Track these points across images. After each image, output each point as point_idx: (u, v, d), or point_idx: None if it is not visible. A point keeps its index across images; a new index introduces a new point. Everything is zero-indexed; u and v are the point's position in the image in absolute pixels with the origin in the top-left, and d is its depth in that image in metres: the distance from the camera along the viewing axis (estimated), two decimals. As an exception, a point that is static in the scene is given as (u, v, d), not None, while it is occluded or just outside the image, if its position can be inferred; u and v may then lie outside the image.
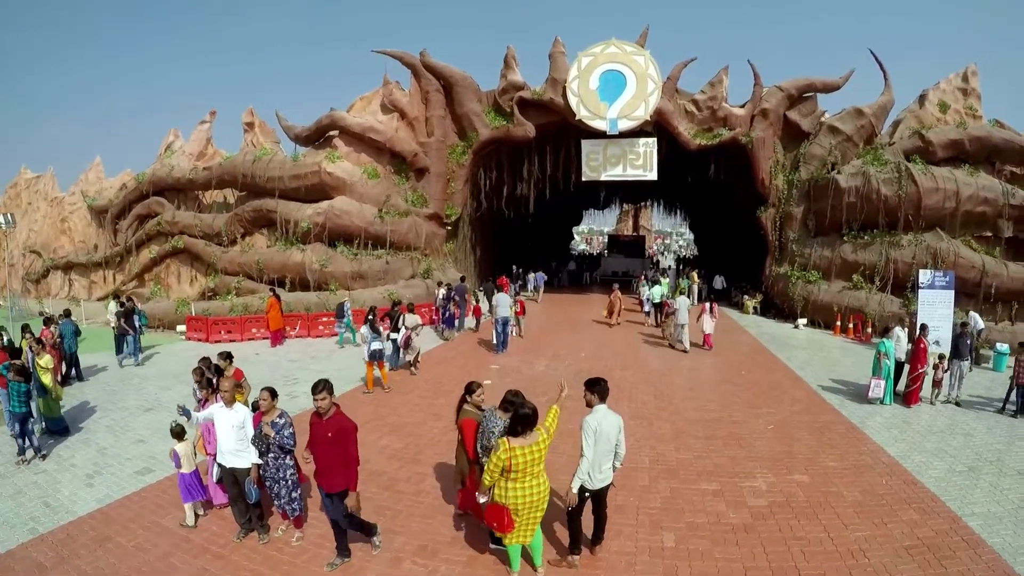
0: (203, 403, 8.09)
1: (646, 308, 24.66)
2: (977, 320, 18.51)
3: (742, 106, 25.84)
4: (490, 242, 33.39)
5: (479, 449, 6.38)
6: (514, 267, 34.73)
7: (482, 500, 5.86)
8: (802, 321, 23.15)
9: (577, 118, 25.07)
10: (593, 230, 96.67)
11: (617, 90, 25.09)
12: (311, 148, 25.95)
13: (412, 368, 15.18)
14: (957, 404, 12.68)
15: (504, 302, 18.27)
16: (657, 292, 23.52)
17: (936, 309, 18.71)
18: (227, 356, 9.42)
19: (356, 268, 23.50)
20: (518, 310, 20.15)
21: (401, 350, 15.20)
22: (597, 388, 6.06)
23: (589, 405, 6.09)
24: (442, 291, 21.04)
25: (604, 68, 25.16)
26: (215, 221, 25.88)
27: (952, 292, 18.83)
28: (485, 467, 5.64)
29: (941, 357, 13.00)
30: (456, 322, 21.05)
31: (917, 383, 12.42)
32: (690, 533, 7.04)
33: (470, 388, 6.92)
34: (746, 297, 27.03)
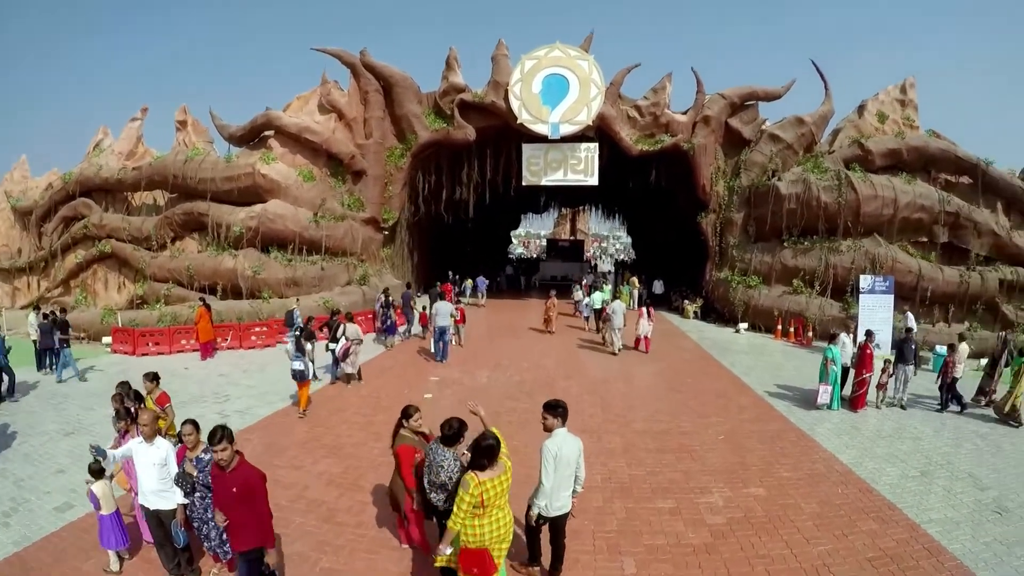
0: (123, 435, 7.23)
1: (585, 314, 24.49)
2: (910, 319, 19.18)
3: (684, 113, 26.13)
4: (428, 247, 32.90)
5: (426, 484, 5.81)
6: (451, 273, 34.09)
7: (447, 552, 5.16)
8: (743, 325, 23.52)
9: (519, 122, 24.85)
10: (530, 233, 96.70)
11: (560, 94, 25.01)
12: (245, 148, 24.88)
13: (353, 381, 14.47)
14: (902, 407, 12.94)
15: (443, 311, 17.67)
16: (598, 298, 23.36)
17: (876, 313, 19.51)
18: (153, 377, 8.53)
19: (290, 275, 22.53)
20: (458, 318, 19.62)
21: (341, 362, 14.47)
22: (558, 411, 5.68)
23: (548, 429, 5.71)
24: (382, 298, 20.33)
25: (547, 72, 25.07)
26: (144, 224, 24.34)
27: (891, 296, 19.66)
28: (453, 514, 4.97)
29: (887, 362, 13.24)
30: (401, 329, 20.40)
31: (863, 388, 12.62)
32: (650, 557, 6.74)
33: (407, 413, 6.46)
34: (686, 302, 27.33)
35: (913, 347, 13.45)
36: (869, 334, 13.80)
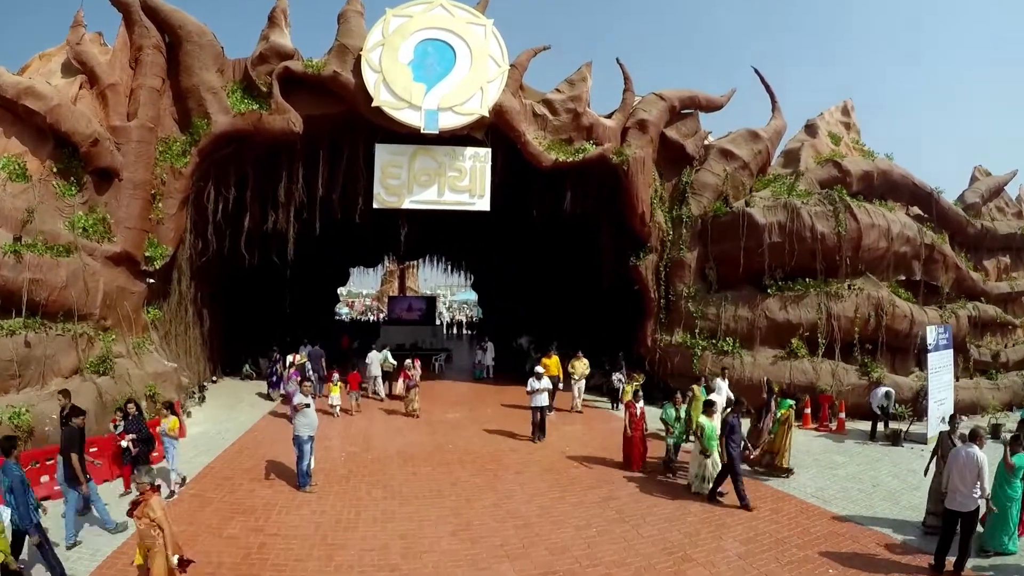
0: None
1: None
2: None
3: (610, 116, 22.12)
4: (225, 307, 25.35)
5: None
6: (275, 351, 24.59)
7: None
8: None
9: (375, 104, 19.24)
10: (352, 292, 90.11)
11: (442, 69, 20.00)
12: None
13: None
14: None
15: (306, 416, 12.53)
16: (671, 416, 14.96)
17: (941, 376, 16.54)
18: None
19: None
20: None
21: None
22: None
23: None
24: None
25: (424, 36, 19.98)
26: None
27: (951, 352, 17.33)
28: None
29: None
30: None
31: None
32: None
33: None
34: (617, 377, 21.52)
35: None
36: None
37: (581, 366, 20.76)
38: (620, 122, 21.83)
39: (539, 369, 17.12)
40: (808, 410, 18.17)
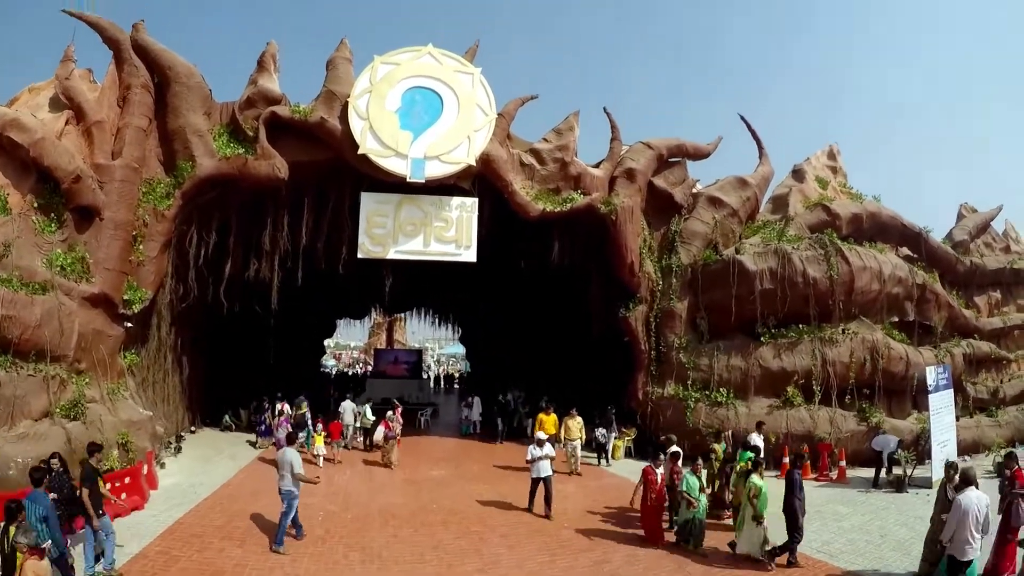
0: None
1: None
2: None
3: (598, 165, 22.32)
4: (208, 356, 24.79)
5: None
6: (265, 400, 23.92)
7: None
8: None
9: (361, 151, 19.10)
10: (340, 344, 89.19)
11: (429, 117, 20.00)
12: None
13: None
14: None
15: (282, 463, 12.15)
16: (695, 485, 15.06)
17: (943, 417, 16.69)
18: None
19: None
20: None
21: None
22: None
23: None
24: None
25: (412, 84, 20.07)
26: None
27: (952, 392, 17.52)
28: None
29: None
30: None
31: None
32: None
33: None
34: (601, 432, 20.98)
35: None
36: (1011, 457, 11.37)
37: (576, 427, 19.23)
38: (608, 171, 21.97)
39: (540, 435, 15.30)
40: (808, 459, 17.63)
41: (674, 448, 14.34)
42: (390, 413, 20.21)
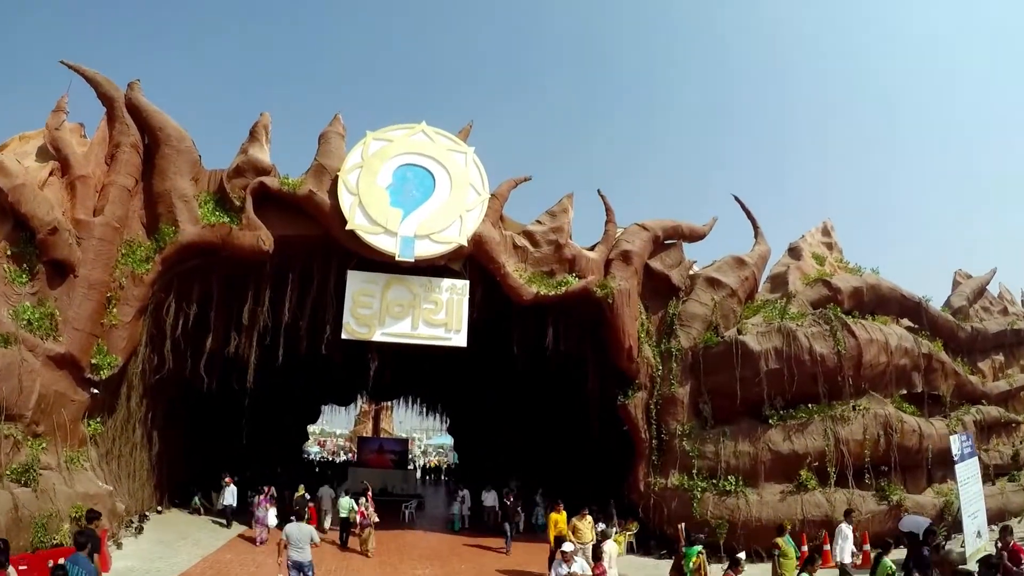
0: None
1: None
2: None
3: (592, 248, 22.40)
4: (182, 432, 23.99)
5: None
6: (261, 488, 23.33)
7: None
8: (741, 555, 16.81)
9: (349, 227, 19.08)
10: (325, 431, 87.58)
11: (421, 195, 20.16)
12: None
13: None
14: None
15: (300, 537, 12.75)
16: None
17: (971, 486, 16.17)
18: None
19: None
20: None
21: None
22: None
23: None
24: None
25: (404, 161, 20.37)
26: None
27: (977, 459, 17.23)
28: None
29: None
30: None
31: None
32: None
33: None
34: (600, 527, 19.65)
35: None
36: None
37: (587, 528, 16.67)
38: (603, 254, 21.99)
39: (567, 547, 12.66)
40: (828, 546, 16.52)
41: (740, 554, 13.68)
42: (363, 499, 20.20)
